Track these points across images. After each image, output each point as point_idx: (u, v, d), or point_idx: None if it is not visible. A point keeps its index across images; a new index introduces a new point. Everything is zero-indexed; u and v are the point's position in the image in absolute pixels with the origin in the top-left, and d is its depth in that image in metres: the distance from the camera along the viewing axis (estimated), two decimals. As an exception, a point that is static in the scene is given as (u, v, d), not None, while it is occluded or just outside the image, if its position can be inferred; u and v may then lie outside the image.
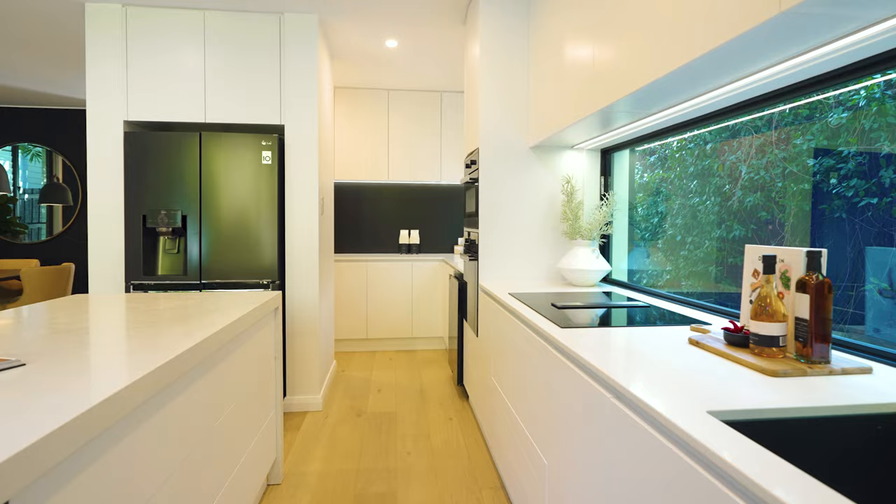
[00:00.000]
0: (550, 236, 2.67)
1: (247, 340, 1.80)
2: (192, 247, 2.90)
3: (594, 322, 1.58)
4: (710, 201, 2.74)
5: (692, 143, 2.78)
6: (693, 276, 2.63)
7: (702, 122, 2.19)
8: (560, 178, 2.67)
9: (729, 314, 1.77)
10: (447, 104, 4.80)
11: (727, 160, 2.64)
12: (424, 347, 4.64)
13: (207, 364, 1.40)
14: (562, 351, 1.38)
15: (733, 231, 2.57)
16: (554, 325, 1.54)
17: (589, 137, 2.49)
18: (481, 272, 2.64)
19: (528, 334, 1.70)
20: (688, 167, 2.82)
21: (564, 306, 1.85)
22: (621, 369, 1.07)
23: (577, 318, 1.65)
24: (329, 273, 3.63)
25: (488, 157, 2.63)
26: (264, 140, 2.93)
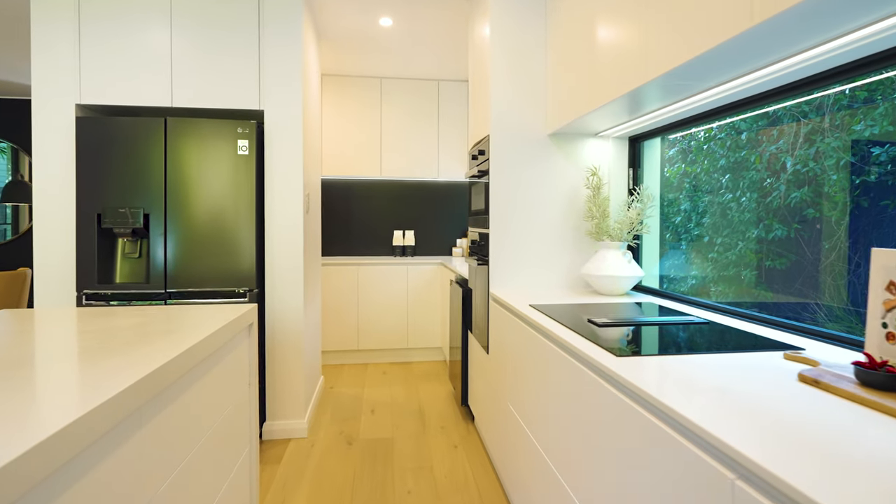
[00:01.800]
0: (572, 237, 2.32)
1: (213, 367, 1.42)
2: (155, 250, 2.50)
3: (656, 348, 1.23)
4: (746, 197, 2.41)
5: (723, 133, 2.46)
6: (723, 280, 2.30)
7: (742, 106, 1.86)
8: (583, 170, 2.32)
9: (807, 332, 1.43)
10: (445, 94, 4.44)
11: (766, 151, 2.31)
12: (421, 359, 4.26)
13: (157, 404, 1.02)
14: (629, 392, 1.02)
15: (773, 231, 2.25)
16: (605, 353, 1.18)
17: (615, 124, 2.15)
18: (492, 279, 2.28)
19: (565, 360, 1.34)
20: (717, 160, 2.50)
21: (606, 324, 1.50)
22: (743, 436, 0.71)
23: (626, 338, 1.30)
24: (315, 278, 3.24)
25: (500, 145, 2.28)
26: (240, 127, 2.55)
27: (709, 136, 2.53)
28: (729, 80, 1.44)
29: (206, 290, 2.55)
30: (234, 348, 1.65)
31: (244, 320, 1.71)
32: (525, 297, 2.05)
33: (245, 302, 2.58)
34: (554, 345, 1.46)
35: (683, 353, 1.18)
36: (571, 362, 1.31)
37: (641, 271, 2.10)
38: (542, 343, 1.55)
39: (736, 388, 0.92)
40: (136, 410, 0.97)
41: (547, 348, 1.51)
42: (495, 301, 2.22)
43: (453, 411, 3.06)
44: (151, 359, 1.08)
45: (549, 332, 1.48)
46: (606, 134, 2.30)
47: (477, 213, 2.59)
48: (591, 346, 1.25)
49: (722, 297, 2.22)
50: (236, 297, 2.59)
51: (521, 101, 2.29)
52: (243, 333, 1.75)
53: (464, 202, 4.73)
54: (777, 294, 2.11)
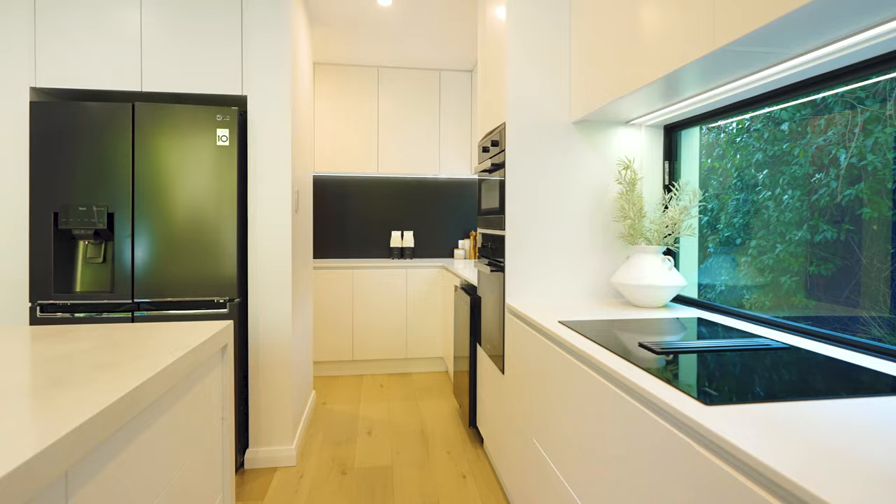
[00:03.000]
0: (600, 239, 2.03)
1: (170, 407, 1.11)
2: (122, 254, 2.18)
3: (751, 390, 0.93)
4: (788, 195, 2.13)
5: (759, 125, 2.18)
6: (763, 288, 2.03)
7: (786, 94, 1.61)
8: (612, 163, 2.03)
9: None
10: (447, 85, 4.13)
11: (812, 143, 2.04)
12: (422, 370, 3.96)
13: (91, 464, 0.72)
14: (741, 464, 0.72)
15: (822, 232, 1.97)
16: (685, 397, 0.89)
17: (650, 110, 1.86)
18: (509, 287, 1.98)
19: (619, 398, 1.05)
20: (752, 154, 2.22)
21: (666, 350, 1.20)
22: None
23: (706, 374, 1.00)
24: (306, 283, 2.93)
25: (518, 135, 1.98)
26: (220, 114, 2.23)
27: (741, 128, 2.25)
28: (794, 55, 1.18)
29: (181, 299, 2.23)
30: (203, 378, 1.35)
31: (215, 343, 1.40)
32: (550, 311, 1.76)
33: (225, 314, 2.26)
34: (601, 377, 1.17)
35: (791, 398, 0.88)
36: (631, 403, 1.01)
37: (683, 280, 1.81)
38: (582, 372, 1.25)
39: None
40: (60, 477, 0.67)
41: (589, 380, 1.21)
42: (513, 314, 1.92)
43: (459, 433, 2.76)
44: (78, 409, 0.77)
45: (591, 359, 1.18)
46: (639, 122, 2.01)
47: (488, 212, 2.29)
48: (659, 384, 0.96)
49: (767, 308, 1.94)
50: (215, 307, 2.27)
51: (541, 85, 1.99)
52: (215, 358, 1.44)
53: (467, 201, 4.44)
54: (836, 305, 1.83)
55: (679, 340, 1.31)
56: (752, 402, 0.86)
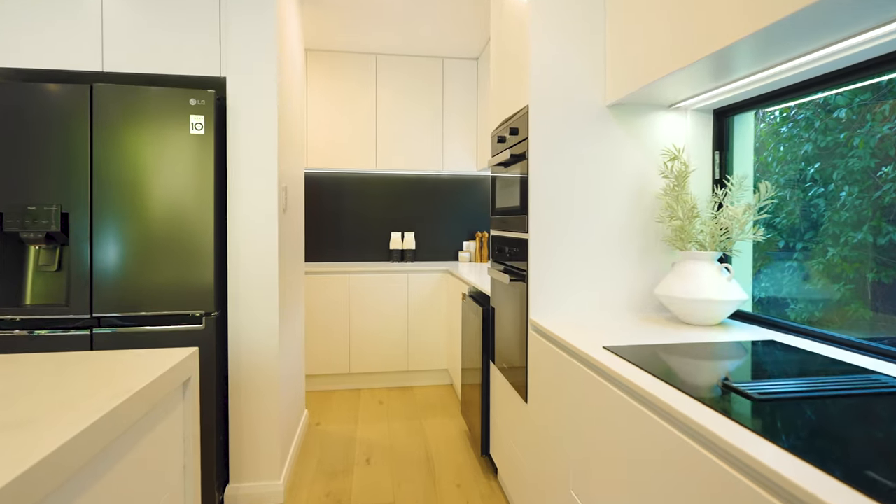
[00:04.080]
0: (639, 244, 1.73)
1: (118, 461, 0.81)
2: (79, 261, 1.87)
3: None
4: (846, 192, 1.84)
5: (808, 112, 1.89)
6: (826, 302, 1.74)
7: (847, 77, 1.33)
8: (653, 153, 1.73)
9: None
10: (451, 74, 3.83)
11: (875, 132, 1.75)
12: (424, 383, 3.65)
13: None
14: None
15: (888, 234, 1.69)
16: (842, 488, 0.58)
17: (699, 92, 1.57)
18: (533, 301, 1.68)
19: (710, 465, 0.74)
20: (799, 145, 1.93)
21: (766, 395, 0.90)
22: None
23: (848, 442, 0.70)
24: (297, 290, 2.62)
25: (544, 120, 1.67)
26: (194, 97, 1.92)
27: (786, 117, 1.96)
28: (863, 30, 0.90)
29: (148, 313, 1.92)
30: (156, 424, 1.04)
31: (173, 378, 1.09)
32: (587, 331, 1.46)
33: (200, 330, 1.95)
34: (678, 431, 0.86)
35: None
36: (732, 476, 0.71)
37: (744, 293, 1.51)
38: (648, 419, 0.95)
39: None
40: None
41: (660, 431, 0.91)
42: (540, 333, 1.62)
43: (470, 461, 2.45)
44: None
45: (663, 406, 0.88)
46: (684, 105, 1.71)
47: (506, 211, 1.99)
48: (783, 458, 0.65)
49: (820, 322, 1.64)
50: (190, 322, 1.96)
51: (570, 62, 1.69)
52: (173, 397, 1.13)
53: (472, 199, 4.13)
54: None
55: (774, 379, 1.01)
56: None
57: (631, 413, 1.02)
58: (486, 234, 3.99)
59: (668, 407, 0.88)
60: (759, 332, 1.46)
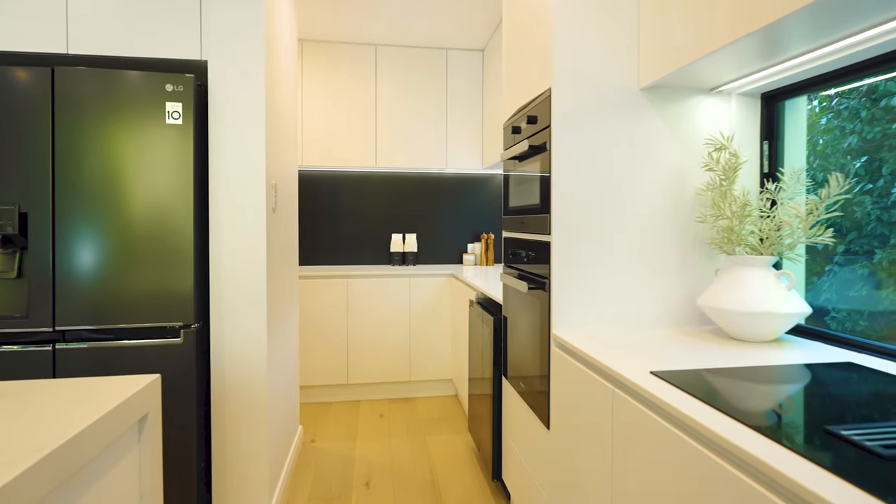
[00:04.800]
0: (677, 247, 1.51)
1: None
2: (40, 267, 1.65)
3: None
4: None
5: (852, 101, 1.68)
6: None
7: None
8: (693, 143, 1.51)
9: None
10: (455, 66, 3.61)
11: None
12: (427, 394, 3.43)
13: None
14: None
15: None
16: None
17: (745, 73, 1.36)
18: (556, 312, 1.46)
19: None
20: (842, 137, 1.72)
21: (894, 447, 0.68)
22: None
23: None
24: (290, 295, 2.40)
25: (569, 104, 1.46)
26: (171, 83, 1.71)
27: (825, 107, 1.75)
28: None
29: (119, 326, 1.70)
30: (103, 476, 0.82)
31: (125, 415, 0.87)
32: (623, 350, 1.24)
33: (178, 344, 1.74)
34: (775, 495, 0.65)
35: None
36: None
37: (806, 305, 1.29)
38: (724, 473, 0.73)
39: None
40: None
41: (747, 491, 0.69)
42: (565, 351, 1.40)
43: (479, 485, 2.23)
44: None
45: (747, 458, 0.66)
46: (728, 89, 1.50)
47: (522, 210, 1.77)
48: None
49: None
50: (167, 335, 1.75)
51: (599, 38, 1.47)
52: (126, 439, 0.92)
53: (477, 199, 3.91)
54: None
55: (886, 422, 0.79)
56: None
57: (698, 461, 0.81)
58: (491, 236, 3.78)
59: (759, 462, 0.67)
60: (828, 352, 1.24)
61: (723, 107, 1.53)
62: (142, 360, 1.71)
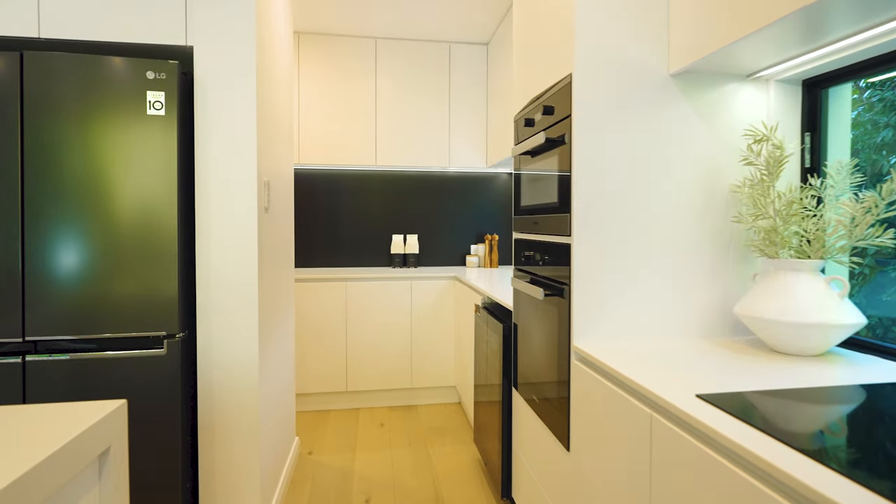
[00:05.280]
0: (709, 249, 1.37)
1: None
2: (8, 271, 1.51)
3: None
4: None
5: (887, 92, 1.54)
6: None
7: None
8: (727, 135, 1.37)
9: None
10: (459, 61, 3.47)
11: None
12: (430, 401, 3.29)
13: None
14: None
15: None
16: None
17: (786, 57, 1.23)
18: (577, 322, 1.32)
19: None
20: (875, 132, 1.59)
21: None
22: None
23: None
24: (284, 300, 2.26)
25: (592, 92, 1.32)
26: (152, 69, 1.56)
27: (856, 99, 1.61)
28: None
29: (96, 336, 1.56)
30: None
31: (81, 451, 0.73)
32: (656, 366, 1.10)
33: (161, 355, 1.59)
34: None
35: None
36: None
37: (862, 315, 1.15)
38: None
39: None
40: None
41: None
42: (588, 366, 1.26)
43: (486, 501, 2.09)
44: None
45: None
46: (767, 74, 1.36)
47: (536, 210, 1.63)
48: None
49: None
50: (149, 345, 1.60)
51: (623, 21, 1.33)
52: (84, 479, 0.77)
53: (481, 199, 3.77)
54: None
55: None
56: None
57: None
58: (495, 237, 3.63)
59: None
60: (886, 367, 1.10)
61: (760, 95, 1.39)
62: (120, 374, 1.57)
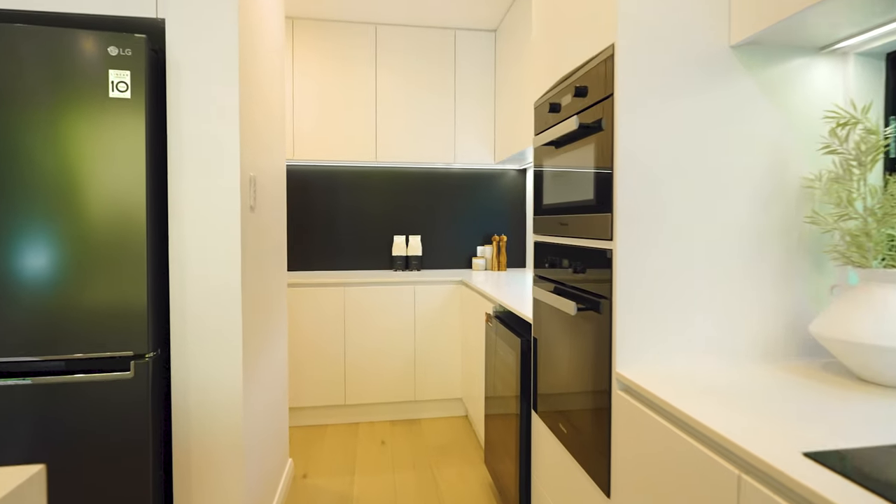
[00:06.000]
0: (775, 254, 1.15)
1: None
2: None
3: None
4: None
5: None
6: None
7: None
8: (798, 117, 1.15)
9: None
10: (465, 49, 3.24)
11: None
12: (434, 415, 3.06)
13: None
14: None
15: None
16: None
17: (868, 26, 1.01)
18: (620, 343, 1.10)
19: None
20: None
21: None
22: None
23: None
24: (275, 308, 2.03)
25: (641, 66, 1.09)
26: (115, 44, 1.34)
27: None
28: None
29: (51, 358, 1.33)
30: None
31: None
32: (727, 403, 0.87)
33: (128, 379, 1.37)
34: None
35: None
36: None
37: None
38: None
39: None
40: None
41: None
42: (638, 398, 1.04)
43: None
44: None
45: None
46: (844, 47, 1.13)
47: (563, 209, 1.40)
48: None
49: None
50: (114, 368, 1.38)
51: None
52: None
53: (488, 197, 3.55)
54: None
55: None
56: None
57: None
58: (503, 238, 3.41)
59: None
60: None
61: (836, 71, 1.16)
62: (79, 402, 1.34)
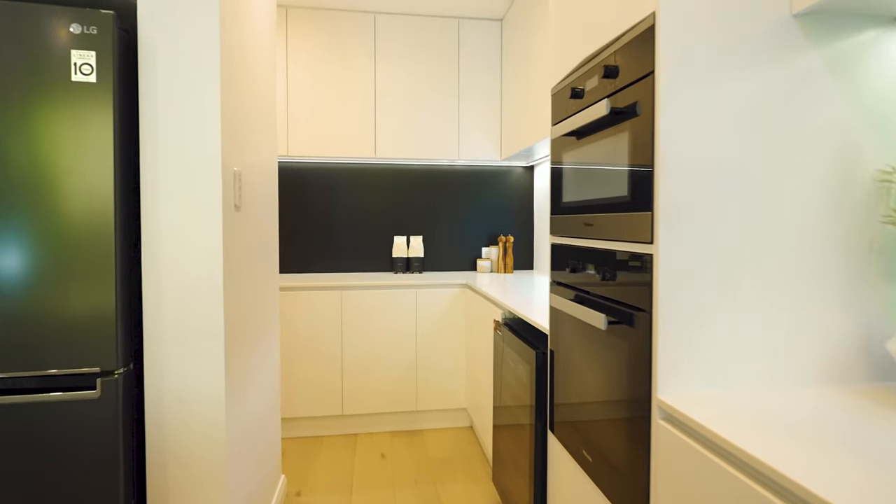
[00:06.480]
0: (841, 259, 0.98)
1: None
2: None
3: None
4: None
5: None
6: None
7: None
8: (871, 99, 0.98)
9: None
10: (469, 39, 3.08)
11: None
12: (437, 425, 2.90)
13: None
14: None
15: None
16: None
17: None
18: (663, 364, 0.93)
19: None
20: None
21: None
22: None
23: None
24: (265, 314, 1.87)
25: (685, 38, 0.93)
26: (79, 21, 1.17)
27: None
28: None
29: (7, 375, 1.17)
30: None
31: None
32: (803, 442, 0.71)
33: (94, 399, 1.20)
34: None
35: None
36: None
37: None
38: None
39: None
40: None
41: None
42: (683, 430, 0.87)
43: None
44: None
45: None
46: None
47: (587, 207, 1.24)
48: None
49: None
50: (77, 385, 1.21)
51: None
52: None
53: (493, 195, 3.38)
54: None
55: None
56: None
57: None
58: (510, 239, 3.25)
59: None
60: None
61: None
62: (34, 427, 1.18)
